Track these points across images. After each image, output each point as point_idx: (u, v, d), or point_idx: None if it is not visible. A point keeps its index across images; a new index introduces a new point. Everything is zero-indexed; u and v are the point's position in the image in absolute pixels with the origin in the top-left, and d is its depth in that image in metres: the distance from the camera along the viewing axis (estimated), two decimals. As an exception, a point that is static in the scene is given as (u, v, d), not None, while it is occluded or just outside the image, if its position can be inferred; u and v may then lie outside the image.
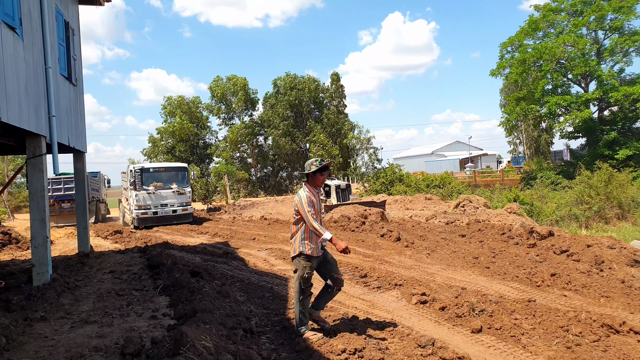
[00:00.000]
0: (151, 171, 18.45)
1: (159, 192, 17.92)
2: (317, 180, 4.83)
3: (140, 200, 17.61)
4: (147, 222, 17.62)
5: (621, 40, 31.35)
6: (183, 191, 18.49)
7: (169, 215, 18.04)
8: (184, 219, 18.40)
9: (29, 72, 6.68)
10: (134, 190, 17.58)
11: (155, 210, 17.75)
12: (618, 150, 29.81)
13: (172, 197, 18.21)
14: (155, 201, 17.84)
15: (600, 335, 4.60)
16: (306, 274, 4.73)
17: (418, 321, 5.30)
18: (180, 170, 19.25)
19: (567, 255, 8.07)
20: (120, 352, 4.30)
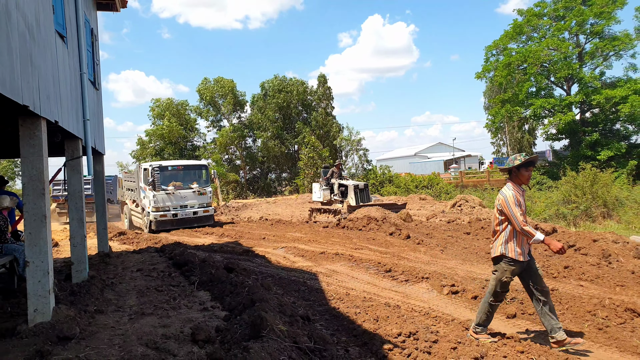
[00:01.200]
0: (169, 169, 17.00)
1: (179, 192, 16.49)
2: (522, 176, 4.51)
3: (158, 202, 16.10)
4: (166, 225, 16.19)
5: (601, 45, 32.44)
6: (204, 191, 17.06)
7: (190, 217, 16.67)
8: (204, 221, 17.03)
9: (72, 78, 6.94)
10: (152, 191, 16.01)
11: (174, 212, 16.30)
12: (600, 151, 30.84)
13: (193, 198, 16.82)
14: (174, 202, 16.40)
15: (625, 319, 5.07)
16: (506, 278, 4.47)
17: (455, 309, 5.73)
18: (200, 169, 17.92)
19: (575, 250, 8.60)
20: (192, 339, 4.62)
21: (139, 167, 17.47)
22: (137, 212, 17.95)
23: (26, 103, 4.33)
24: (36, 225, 4.94)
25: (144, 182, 16.60)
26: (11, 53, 3.99)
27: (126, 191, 20.44)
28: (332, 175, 17.27)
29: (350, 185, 16.15)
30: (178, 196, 16.45)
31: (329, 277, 7.57)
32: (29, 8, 4.70)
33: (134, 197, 18.42)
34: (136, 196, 18.00)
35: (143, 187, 16.74)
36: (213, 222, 17.49)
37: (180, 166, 17.56)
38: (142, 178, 16.87)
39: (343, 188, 16.49)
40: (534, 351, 4.19)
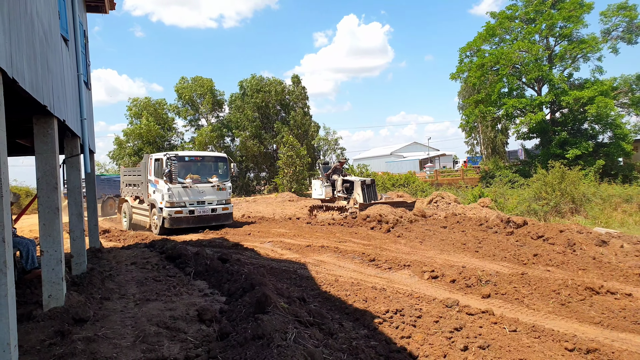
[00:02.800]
0: (186, 160, 15.23)
1: (196, 186, 14.73)
2: None
3: (173, 196, 14.27)
4: (181, 223, 14.40)
5: (570, 47, 33.72)
6: (223, 186, 15.30)
7: (208, 214, 14.84)
8: (223, 219, 15.27)
9: (73, 79, 7.29)
10: (167, 183, 14.21)
11: (191, 209, 14.50)
12: (568, 149, 32.07)
13: (211, 193, 15.03)
14: (191, 197, 14.64)
15: (585, 296, 5.73)
16: None
17: (435, 291, 6.30)
18: (220, 161, 16.12)
19: (543, 240, 9.31)
20: (199, 319, 5.07)
21: (148, 158, 15.82)
22: (142, 210, 16.45)
23: (45, 103, 4.71)
24: (50, 217, 5.29)
25: (156, 174, 14.99)
26: (36, 58, 4.38)
27: (125, 187, 18.72)
28: (335, 172, 16.69)
29: (356, 181, 15.50)
30: (195, 190, 14.71)
31: (317, 267, 8.07)
32: (45, 15, 5.07)
33: (138, 193, 16.92)
34: (141, 192, 16.43)
35: (154, 180, 15.10)
36: (232, 222, 15.82)
37: (198, 157, 15.89)
38: (153, 170, 15.23)
39: (348, 184, 15.87)
40: (505, 322, 4.77)
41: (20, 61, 3.71)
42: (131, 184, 17.78)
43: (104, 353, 4.13)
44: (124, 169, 19.51)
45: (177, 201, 14.36)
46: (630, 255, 7.77)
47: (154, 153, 16.50)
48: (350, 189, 15.63)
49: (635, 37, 32.57)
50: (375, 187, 15.82)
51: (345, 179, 16.11)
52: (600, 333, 4.66)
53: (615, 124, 31.26)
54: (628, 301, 5.51)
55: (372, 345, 4.15)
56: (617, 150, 30.50)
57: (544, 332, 4.51)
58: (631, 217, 19.21)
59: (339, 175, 16.45)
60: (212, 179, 15.18)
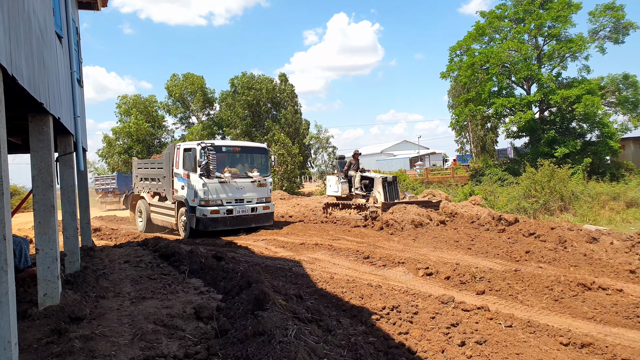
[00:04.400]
0: (224, 151, 13.34)
1: (235, 181, 12.96)
2: None
3: (209, 192, 12.48)
4: (218, 224, 12.50)
5: (558, 47, 34.06)
6: (264, 182, 13.64)
7: (247, 215, 13.06)
8: (264, 220, 13.54)
9: (66, 76, 7.25)
10: (202, 177, 12.39)
11: (229, 208, 12.69)
12: (557, 148, 32.40)
13: (251, 190, 13.29)
14: (229, 194, 12.88)
15: (577, 292, 5.82)
16: None
17: (430, 288, 6.36)
18: (260, 152, 14.35)
19: (535, 237, 9.42)
20: (196, 316, 5.08)
21: (174, 148, 13.88)
22: (164, 209, 14.55)
23: (42, 100, 4.68)
24: (45, 215, 5.27)
25: (186, 166, 13.11)
26: (33, 55, 4.35)
27: (140, 182, 16.50)
28: (350, 167, 15.38)
29: (377, 178, 14.33)
30: (233, 187, 12.95)
31: (312, 264, 8.11)
32: (41, 13, 5.04)
33: (157, 189, 15.00)
34: (162, 187, 14.48)
35: (182, 173, 13.20)
36: (273, 223, 14.09)
37: (236, 147, 14.01)
38: (182, 162, 13.30)
39: (367, 181, 14.71)
40: (501, 318, 4.84)
41: (19, 58, 3.69)
42: (149, 179, 15.79)
43: (102, 351, 4.12)
44: (139, 161, 17.35)
45: (214, 199, 12.57)
46: (620, 252, 7.90)
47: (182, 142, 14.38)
48: (370, 186, 14.50)
49: (621, 37, 32.98)
50: (397, 185, 14.79)
51: (364, 176, 14.92)
52: (593, 328, 4.74)
53: (603, 122, 31.66)
54: (619, 297, 5.61)
55: (370, 341, 4.19)
56: (605, 149, 30.89)
57: (539, 327, 4.58)
58: (618, 214, 19.48)
59: (356, 171, 15.22)
60: (252, 173, 13.45)
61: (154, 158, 17.34)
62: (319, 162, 40.86)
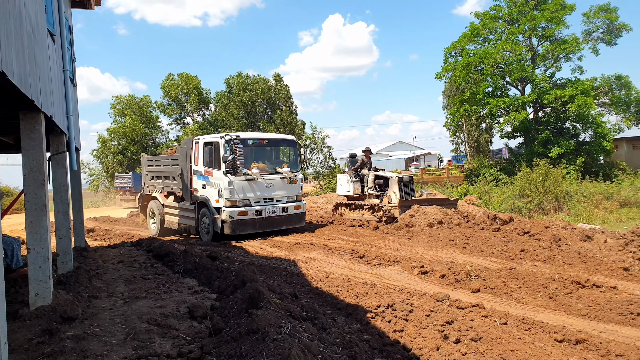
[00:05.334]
0: (250, 144, 11.90)
1: (263, 178, 11.60)
2: None
3: (236, 192, 11.14)
4: (246, 227, 11.25)
5: (552, 48, 34.19)
6: (295, 178, 12.28)
7: (278, 216, 11.77)
8: (296, 222, 12.27)
9: (59, 74, 7.19)
10: (228, 175, 11.06)
11: (258, 209, 11.41)
12: (551, 148, 32.52)
13: (281, 187, 11.97)
14: (257, 193, 11.54)
15: (572, 289, 5.82)
16: None
17: (425, 286, 6.35)
18: (289, 145, 12.97)
19: (529, 236, 9.43)
20: (190, 316, 5.04)
21: (192, 142, 12.65)
22: (181, 210, 13.20)
23: (33, 98, 4.63)
24: (37, 214, 5.21)
25: (207, 163, 11.85)
26: (24, 52, 4.31)
27: (151, 180, 15.03)
28: (363, 165, 14.61)
29: (392, 178, 13.50)
30: (262, 184, 11.60)
31: (307, 264, 8.08)
32: (32, 9, 5.00)
33: (173, 188, 13.66)
34: (179, 186, 13.12)
35: (203, 170, 11.95)
36: (305, 225, 12.83)
37: (263, 140, 12.61)
38: (202, 157, 12.05)
39: (381, 180, 13.89)
40: (496, 315, 4.83)
41: (9, 54, 3.64)
42: (161, 177, 14.44)
43: (94, 351, 4.08)
44: (149, 158, 15.94)
45: (241, 199, 11.26)
46: (614, 250, 7.92)
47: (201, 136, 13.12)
48: (384, 186, 13.68)
49: (614, 38, 33.15)
50: (413, 184, 13.92)
51: (377, 175, 14.07)
52: (587, 325, 4.74)
53: (596, 122, 31.82)
54: (613, 294, 5.62)
55: (365, 339, 4.16)
56: (598, 149, 31.03)
57: (534, 325, 4.58)
58: (612, 214, 19.54)
59: (369, 170, 14.41)
60: (282, 169, 12.08)
61: (165, 154, 16.28)
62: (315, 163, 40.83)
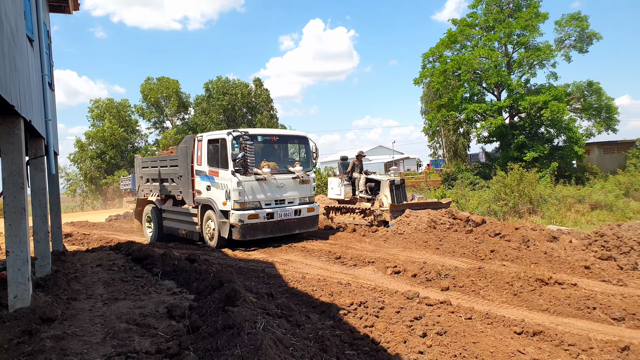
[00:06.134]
0: (259, 141, 10.99)
1: (274, 178, 10.72)
2: None
3: (245, 193, 10.27)
4: (257, 232, 10.40)
5: (527, 55, 35.06)
6: (307, 178, 11.41)
7: (290, 219, 10.89)
8: (309, 225, 11.45)
9: (37, 79, 7.26)
10: (237, 175, 10.18)
11: (270, 212, 10.53)
12: (526, 152, 33.30)
13: (293, 188, 11.11)
14: (268, 194, 10.68)
15: (535, 286, 6.13)
16: None
17: (397, 285, 6.59)
18: (301, 143, 12.06)
19: (500, 237, 9.77)
20: (168, 315, 5.18)
21: (194, 140, 11.74)
22: (183, 215, 12.24)
23: (13, 103, 4.74)
24: (16, 218, 5.29)
25: (211, 162, 10.98)
26: (4, 58, 4.42)
27: (146, 184, 14.01)
28: (354, 168, 14.34)
29: (384, 181, 13.14)
30: (273, 185, 10.73)
31: (284, 265, 8.26)
32: (12, 15, 5.10)
33: (171, 191, 12.64)
34: (179, 188, 12.17)
35: (207, 171, 11.09)
36: (317, 229, 12.09)
37: (273, 137, 11.56)
38: (206, 156, 11.16)
39: (372, 184, 13.67)
40: (462, 311, 5.09)
41: (-10, 61, 3.77)
42: (157, 179, 13.39)
43: (74, 349, 4.20)
44: (144, 159, 14.90)
45: (250, 200, 10.40)
46: (577, 250, 8.30)
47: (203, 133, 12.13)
48: (375, 189, 13.49)
49: (586, 46, 34.17)
50: (405, 187, 13.50)
51: (369, 178, 13.91)
52: (546, 319, 5.04)
53: (569, 128, 32.68)
54: (573, 290, 5.94)
55: (337, 334, 4.37)
56: (571, 154, 31.89)
57: (496, 319, 4.84)
58: (583, 216, 20.14)
59: (360, 173, 14.23)
60: (294, 168, 11.19)
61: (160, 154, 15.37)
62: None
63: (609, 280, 6.66)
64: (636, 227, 8.86)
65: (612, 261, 7.59)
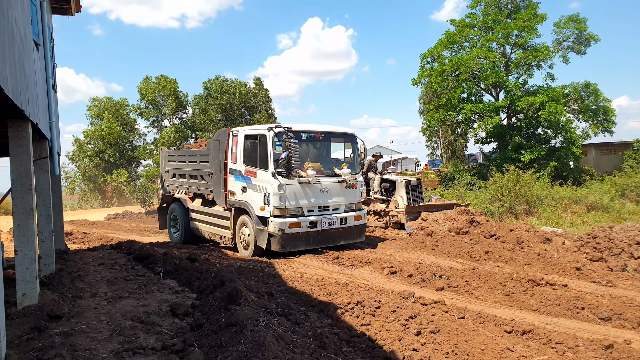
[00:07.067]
0: (303, 138, 9.69)
1: (319, 181, 9.46)
2: None
3: (286, 198, 9.11)
4: (299, 243, 9.25)
5: (524, 55, 35.27)
6: (354, 182, 10.06)
7: (335, 228, 9.60)
8: (355, 236, 10.06)
9: (42, 82, 7.44)
10: (277, 177, 8.99)
11: (313, 220, 9.27)
12: (523, 153, 33.52)
13: (339, 193, 9.78)
14: (312, 200, 9.44)
15: (527, 287, 6.33)
16: None
17: (394, 285, 6.78)
18: (348, 141, 10.68)
19: (495, 238, 9.96)
20: (172, 313, 5.36)
21: (228, 134, 10.54)
22: (212, 216, 11.14)
23: (23, 108, 4.91)
24: (24, 218, 5.47)
25: (248, 160, 9.81)
26: (15, 64, 4.59)
27: (172, 179, 12.93)
28: (370, 169, 13.81)
29: (399, 181, 12.65)
30: (317, 189, 9.46)
31: (283, 265, 8.44)
32: (22, 22, 5.27)
33: (202, 189, 11.52)
34: (209, 187, 11.08)
35: (243, 170, 9.88)
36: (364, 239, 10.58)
37: (319, 134, 10.15)
38: (243, 153, 9.97)
39: (387, 184, 13.21)
40: (455, 311, 5.28)
41: (4, 69, 3.94)
42: (185, 175, 12.29)
43: (82, 345, 4.37)
44: (171, 152, 13.66)
45: (293, 206, 9.20)
46: (570, 251, 8.51)
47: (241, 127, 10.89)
48: (391, 190, 13.03)
49: (583, 47, 34.38)
50: (421, 188, 12.89)
51: (384, 178, 13.42)
52: (536, 318, 5.24)
53: (566, 129, 32.90)
54: (564, 291, 6.15)
55: (335, 332, 4.56)
56: (568, 154, 32.09)
57: (488, 318, 5.04)
58: (579, 217, 20.33)
59: (375, 173, 13.77)
60: (341, 170, 9.90)
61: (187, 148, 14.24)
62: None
63: (598, 281, 6.87)
64: (628, 229, 9.06)
65: (602, 263, 7.80)
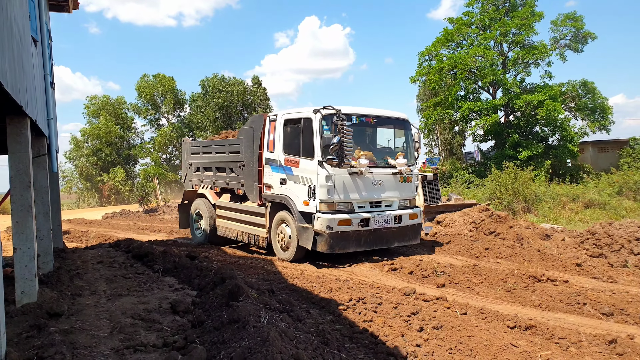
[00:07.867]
0: (354, 122, 8.40)
1: (371, 172, 8.30)
2: None
3: (335, 191, 7.96)
4: (349, 243, 8.09)
5: (522, 53, 35.29)
6: (410, 175, 8.87)
7: (389, 228, 8.39)
8: (410, 237, 8.86)
9: (40, 79, 7.39)
10: (325, 167, 7.85)
11: (365, 217, 8.11)
12: (521, 151, 33.57)
13: (393, 187, 8.63)
14: (363, 194, 8.26)
15: (528, 283, 6.32)
16: None
17: (394, 281, 6.77)
18: (401, 127, 9.35)
19: (495, 235, 9.95)
20: (172, 310, 5.33)
21: (264, 120, 9.49)
22: (243, 213, 10.01)
23: (22, 104, 4.87)
24: (23, 215, 5.43)
25: (288, 148, 8.75)
26: (14, 60, 4.55)
27: (196, 173, 11.93)
28: None
29: None
30: (369, 181, 8.30)
31: (283, 262, 8.41)
32: (20, 19, 5.23)
33: (230, 183, 10.48)
34: (240, 180, 10.06)
35: (282, 159, 8.79)
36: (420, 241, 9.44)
37: (371, 118, 8.94)
38: (283, 141, 8.86)
39: None
40: (457, 307, 5.27)
41: (3, 65, 3.90)
42: (211, 168, 11.21)
43: (83, 343, 4.34)
44: (194, 143, 12.73)
45: (342, 200, 8.06)
46: (570, 248, 8.51)
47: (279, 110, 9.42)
48: None
49: (581, 45, 34.43)
50: (438, 184, 11.90)
51: None
52: (538, 314, 5.24)
53: (563, 127, 32.94)
54: (565, 287, 6.15)
55: (337, 329, 4.54)
56: (565, 152, 32.14)
57: (490, 314, 5.03)
58: (577, 214, 20.37)
59: None
60: (396, 160, 8.69)
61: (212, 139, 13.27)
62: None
63: (599, 277, 6.87)
64: (627, 225, 9.08)
65: (603, 259, 7.80)
